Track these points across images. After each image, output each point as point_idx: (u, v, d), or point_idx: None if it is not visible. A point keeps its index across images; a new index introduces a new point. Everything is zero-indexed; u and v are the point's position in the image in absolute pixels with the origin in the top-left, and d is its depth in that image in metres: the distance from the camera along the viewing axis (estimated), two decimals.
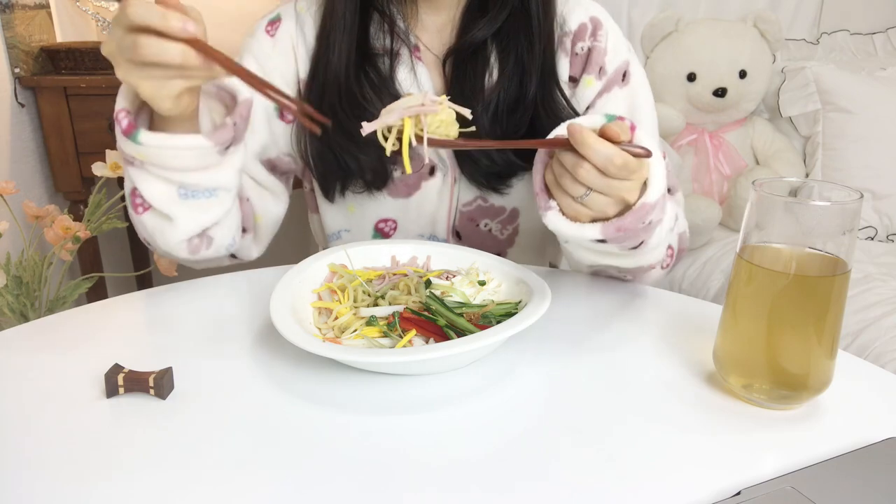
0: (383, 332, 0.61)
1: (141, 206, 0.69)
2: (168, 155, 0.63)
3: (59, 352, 0.61)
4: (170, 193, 0.67)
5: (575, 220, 0.64)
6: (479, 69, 0.80)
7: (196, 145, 0.64)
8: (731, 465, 0.48)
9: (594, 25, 0.83)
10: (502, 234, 0.88)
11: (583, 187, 0.61)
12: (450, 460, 0.48)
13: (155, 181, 0.66)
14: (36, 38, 1.63)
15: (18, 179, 1.58)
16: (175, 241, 0.70)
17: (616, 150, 0.59)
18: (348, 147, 0.79)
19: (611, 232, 0.63)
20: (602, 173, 0.59)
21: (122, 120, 0.62)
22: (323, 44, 0.81)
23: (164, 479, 0.45)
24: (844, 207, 0.49)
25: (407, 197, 0.85)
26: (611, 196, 0.61)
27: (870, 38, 1.90)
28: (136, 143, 0.62)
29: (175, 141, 0.63)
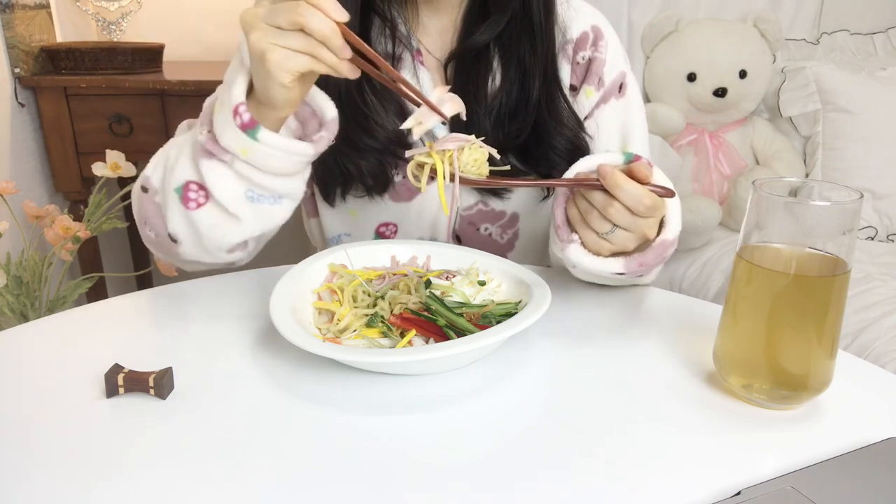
0: (383, 332, 0.61)
1: (195, 202, 0.68)
2: (273, 155, 0.64)
3: (59, 352, 0.61)
4: (238, 193, 0.66)
5: (596, 254, 0.67)
6: (482, 73, 0.80)
7: (304, 152, 0.64)
8: (731, 465, 0.48)
9: (595, 35, 0.84)
10: (502, 238, 0.88)
11: (609, 224, 0.63)
12: (450, 460, 0.48)
13: (230, 178, 0.66)
14: (36, 38, 1.63)
15: (18, 179, 1.58)
16: (234, 241, 0.70)
17: (646, 192, 0.61)
18: (349, 154, 0.79)
19: (633, 267, 0.66)
20: (630, 212, 0.62)
21: (244, 113, 0.62)
22: None
23: (164, 479, 0.46)
24: (844, 207, 0.49)
25: (408, 201, 0.85)
26: (634, 232, 0.64)
27: (870, 38, 1.90)
28: (253, 140, 0.62)
29: (292, 145, 0.64)
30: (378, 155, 0.80)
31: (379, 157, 0.80)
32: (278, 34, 0.57)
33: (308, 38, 0.56)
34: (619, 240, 0.64)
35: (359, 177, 0.81)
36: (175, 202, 0.68)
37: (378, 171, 0.81)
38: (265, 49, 0.57)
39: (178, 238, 0.70)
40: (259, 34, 0.57)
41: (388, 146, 0.79)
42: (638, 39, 1.75)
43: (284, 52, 0.57)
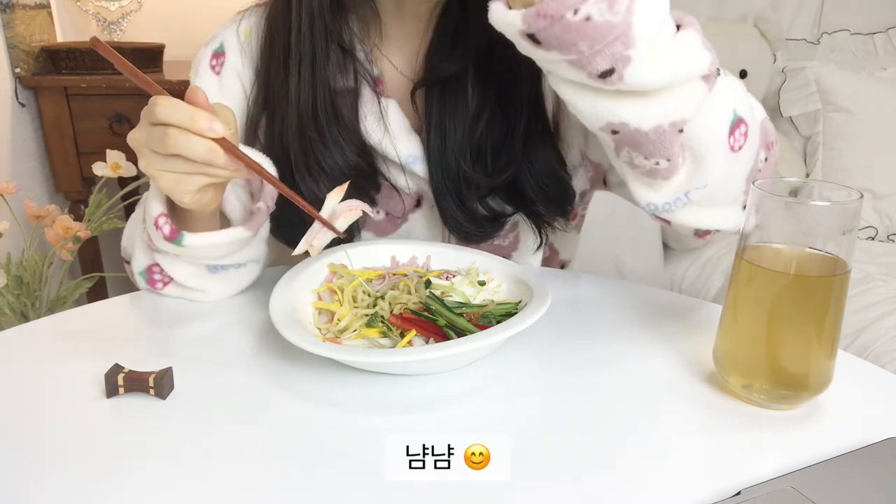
0: (383, 332, 0.61)
1: (160, 283, 0.70)
2: (208, 250, 0.64)
3: (59, 352, 0.61)
4: (200, 271, 0.68)
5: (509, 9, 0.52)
6: (458, 101, 0.71)
7: (237, 238, 0.65)
8: (731, 465, 0.48)
9: None
10: (504, 240, 0.84)
11: None
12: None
13: (184, 265, 0.67)
14: (36, 37, 1.63)
15: (19, 179, 1.58)
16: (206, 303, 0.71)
17: None
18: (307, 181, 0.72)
19: (531, 18, 0.50)
20: None
21: (164, 227, 0.63)
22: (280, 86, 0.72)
23: (164, 478, 0.45)
24: (844, 207, 0.49)
25: (395, 232, 0.81)
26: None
27: (870, 37, 1.90)
28: (179, 246, 0.63)
29: (218, 238, 0.64)
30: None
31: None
32: (161, 160, 0.56)
33: (190, 161, 0.55)
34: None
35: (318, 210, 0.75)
36: (143, 285, 0.71)
37: None
38: (155, 175, 0.57)
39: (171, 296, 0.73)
40: (145, 161, 0.57)
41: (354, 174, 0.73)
42: None
43: (174, 177, 0.57)
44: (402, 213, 0.80)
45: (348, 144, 0.73)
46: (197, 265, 0.68)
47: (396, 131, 0.75)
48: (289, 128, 0.72)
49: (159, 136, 0.54)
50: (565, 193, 0.76)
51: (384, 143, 0.75)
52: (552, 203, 0.75)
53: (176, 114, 0.54)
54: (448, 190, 0.74)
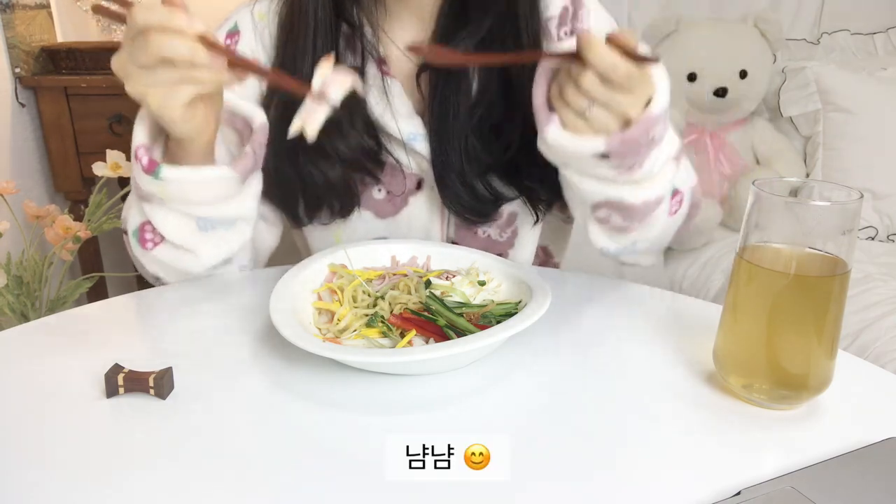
0: (383, 332, 0.61)
1: (151, 242, 0.68)
2: (191, 189, 0.62)
3: (59, 352, 0.61)
4: (189, 227, 0.66)
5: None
6: (459, 84, 0.74)
7: (219, 176, 0.63)
8: (731, 465, 0.48)
9: (575, 6, 0.78)
10: (501, 236, 0.85)
11: (586, 100, 0.58)
12: None
13: (172, 216, 0.65)
14: (36, 37, 1.63)
15: (19, 179, 1.58)
16: (197, 272, 0.69)
17: (620, 59, 0.56)
18: (315, 160, 0.74)
19: (615, 144, 0.59)
20: (606, 83, 0.57)
21: (142, 157, 0.61)
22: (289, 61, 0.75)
23: (164, 478, 0.45)
24: (844, 207, 0.49)
25: (395, 215, 0.81)
26: (613, 111, 0.59)
27: (870, 38, 1.90)
28: (158, 180, 0.61)
29: (198, 174, 0.62)
30: (344, 166, 0.75)
31: (345, 168, 0.75)
32: (147, 74, 0.55)
33: (176, 67, 0.55)
34: (598, 119, 0.59)
35: (324, 192, 0.76)
36: (136, 246, 0.69)
37: (342, 186, 0.76)
38: (142, 94, 0.56)
39: (160, 276, 0.72)
40: (131, 81, 0.56)
41: (357, 158, 0.75)
42: (638, 39, 1.75)
43: (161, 91, 0.56)
44: (403, 192, 0.80)
45: (354, 120, 0.74)
46: (187, 218, 0.65)
47: (399, 110, 0.76)
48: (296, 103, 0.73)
49: (140, 45, 0.54)
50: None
51: (385, 119, 0.75)
52: (553, 185, 0.75)
53: (153, 16, 0.54)
54: (449, 166, 0.75)
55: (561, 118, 0.61)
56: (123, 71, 0.57)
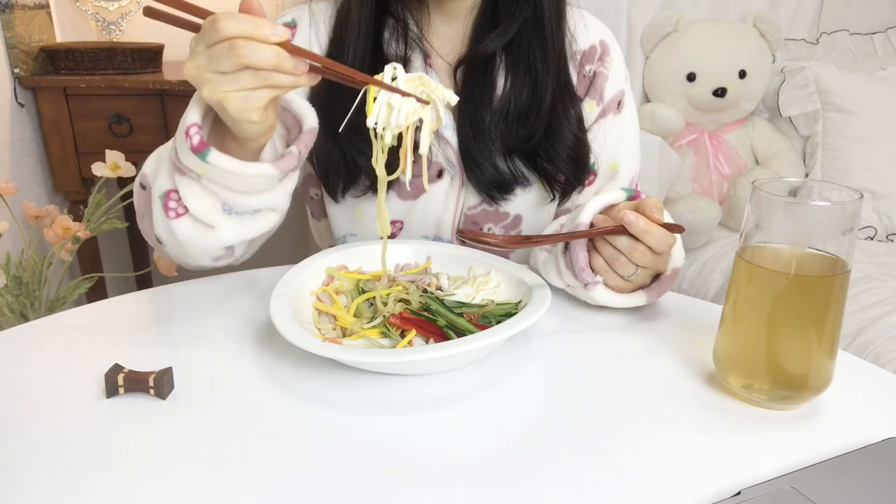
0: (383, 332, 0.61)
1: (174, 211, 0.68)
2: (231, 178, 0.63)
3: (59, 352, 0.61)
4: (215, 206, 0.66)
5: (619, 292, 0.69)
6: (490, 78, 0.81)
7: (262, 174, 0.63)
8: (731, 465, 0.48)
9: (603, 50, 0.87)
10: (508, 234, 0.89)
11: (633, 267, 0.67)
12: (450, 460, 0.48)
13: (202, 192, 0.65)
14: (36, 38, 1.63)
15: (18, 179, 1.58)
16: (211, 251, 0.69)
17: (668, 234, 0.65)
18: (361, 146, 0.79)
19: (653, 297, 0.70)
20: (654, 252, 0.65)
21: (194, 136, 0.61)
22: (336, 48, 0.81)
23: (163, 478, 0.45)
24: (844, 207, 0.49)
25: (415, 199, 0.85)
26: (652, 269, 0.68)
27: (869, 38, 1.90)
28: (203, 161, 0.61)
29: (243, 168, 0.62)
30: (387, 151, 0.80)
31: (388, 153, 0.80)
32: (228, 80, 0.55)
33: (257, 73, 0.55)
34: (641, 278, 0.68)
35: (366, 171, 0.81)
36: (158, 209, 0.68)
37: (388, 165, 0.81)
38: (222, 99, 0.56)
39: (162, 241, 0.71)
40: (210, 86, 0.56)
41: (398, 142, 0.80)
42: (638, 39, 1.75)
43: (241, 95, 0.56)
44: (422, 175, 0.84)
45: None
46: (214, 199, 0.66)
47: None
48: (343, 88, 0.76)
49: (224, 52, 0.54)
50: (583, 163, 0.85)
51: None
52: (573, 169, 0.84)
53: (240, 24, 0.53)
54: (475, 146, 0.82)
55: (607, 281, 0.69)
56: (200, 77, 0.56)
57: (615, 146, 0.89)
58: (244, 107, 0.57)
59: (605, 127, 0.88)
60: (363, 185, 0.83)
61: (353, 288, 0.67)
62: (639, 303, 0.70)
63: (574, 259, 0.69)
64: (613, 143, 0.89)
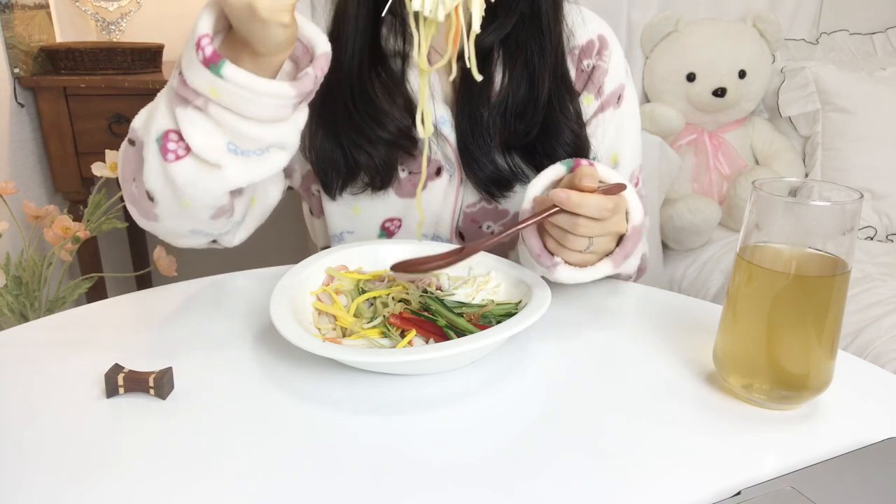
0: (383, 332, 0.61)
1: (173, 153, 0.62)
2: (244, 98, 0.58)
3: (59, 352, 0.61)
4: (219, 146, 0.62)
5: (584, 267, 0.68)
6: (488, 73, 0.81)
7: (280, 93, 0.59)
8: (731, 465, 0.48)
9: (601, 44, 0.86)
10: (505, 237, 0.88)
11: (586, 239, 0.65)
12: (450, 460, 0.48)
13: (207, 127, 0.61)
14: (35, 38, 1.63)
15: (18, 179, 1.58)
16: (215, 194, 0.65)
17: (604, 198, 0.63)
18: (361, 143, 0.79)
19: (619, 261, 0.68)
20: (598, 220, 0.64)
21: (206, 47, 0.57)
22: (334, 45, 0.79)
23: (163, 478, 0.45)
24: (844, 207, 0.49)
25: (413, 196, 0.85)
26: (607, 235, 0.67)
27: (869, 38, 1.90)
28: (216, 76, 0.57)
29: (261, 85, 0.58)
30: (387, 148, 0.80)
31: (388, 149, 0.80)
32: None
33: None
34: (599, 247, 0.67)
35: (366, 169, 0.80)
36: (154, 153, 0.63)
37: (386, 164, 0.81)
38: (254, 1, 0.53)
39: (155, 196, 0.66)
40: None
41: (397, 139, 0.79)
42: (638, 39, 1.75)
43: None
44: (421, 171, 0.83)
45: (397, 98, 0.79)
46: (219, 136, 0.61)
47: (435, 94, 0.82)
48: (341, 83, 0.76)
49: None
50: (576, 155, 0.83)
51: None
52: None
53: None
54: (473, 141, 0.81)
55: (568, 260, 0.68)
56: None
57: (615, 139, 0.88)
58: (276, 5, 0.54)
59: (604, 121, 0.87)
60: (361, 183, 0.82)
61: (353, 288, 0.67)
62: (606, 271, 0.68)
63: (529, 247, 0.69)
64: (613, 137, 0.88)
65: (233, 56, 0.60)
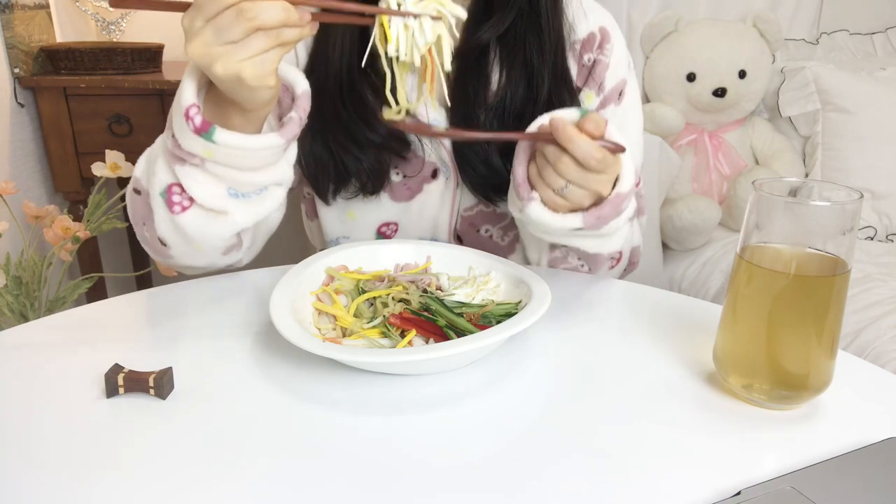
0: (383, 332, 0.61)
1: (179, 206, 0.65)
2: (238, 155, 0.61)
3: (59, 352, 0.61)
4: (221, 193, 0.64)
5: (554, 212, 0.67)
6: (484, 71, 0.78)
7: (270, 145, 0.61)
8: (731, 465, 0.48)
9: (602, 37, 0.83)
10: (503, 240, 0.87)
11: (563, 180, 0.64)
12: (450, 460, 0.48)
13: (207, 180, 0.63)
14: (35, 38, 1.63)
15: (18, 179, 1.58)
16: (224, 237, 0.68)
17: (595, 146, 0.62)
18: (349, 147, 0.77)
19: (591, 220, 0.67)
20: (581, 167, 0.62)
21: (195, 117, 0.59)
22: (321, 39, 0.78)
23: (163, 479, 0.45)
24: (844, 207, 0.49)
25: (409, 200, 0.84)
26: (587, 189, 0.65)
27: (869, 38, 1.90)
28: (209, 142, 0.59)
29: (252, 141, 0.60)
30: (377, 151, 0.78)
31: (378, 153, 0.78)
32: (240, 48, 0.54)
33: (268, 33, 0.54)
34: (573, 196, 0.65)
35: (356, 173, 0.79)
36: (160, 206, 0.66)
37: (376, 168, 0.79)
38: (238, 70, 0.55)
39: (167, 242, 0.70)
40: (223, 61, 0.54)
41: (387, 142, 0.78)
42: (638, 39, 1.75)
43: (256, 61, 0.55)
44: (418, 175, 0.82)
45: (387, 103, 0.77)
46: (219, 184, 0.64)
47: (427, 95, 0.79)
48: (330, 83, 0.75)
49: (231, 19, 0.52)
50: None
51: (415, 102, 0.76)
52: None
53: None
54: (470, 145, 0.79)
55: (540, 195, 0.67)
56: (210, 55, 0.54)
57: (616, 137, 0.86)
58: (261, 72, 0.55)
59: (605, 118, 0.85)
60: (354, 187, 0.81)
61: (353, 288, 0.67)
62: (573, 223, 0.67)
63: (514, 174, 0.68)
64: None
65: (220, 113, 0.62)
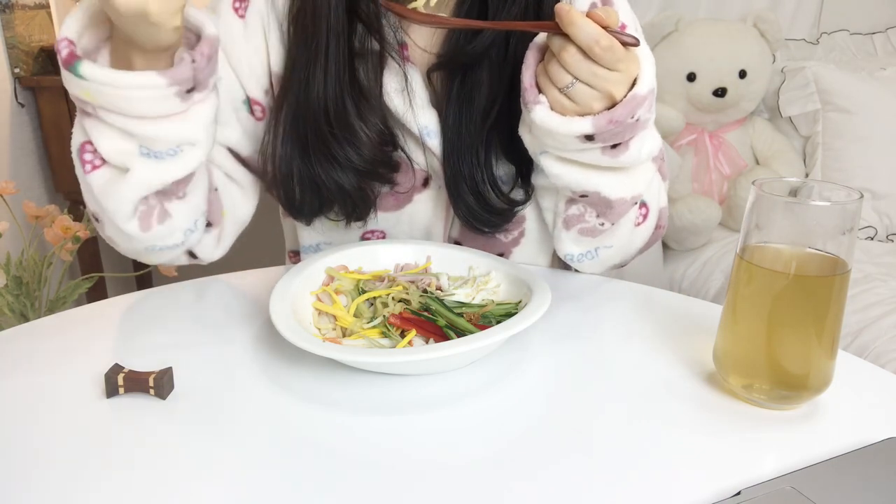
0: (383, 332, 0.61)
1: (90, 164, 0.61)
2: (119, 96, 0.56)
3: (59, 352, 0.61)
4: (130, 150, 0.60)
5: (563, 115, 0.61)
6: (476, 84, 0.72)
7: (148, 83, 0.56)
8: (731, 465, 0.48)
9: (604, 3, 0.75)
10: (507, 237, 0.83)
11: (569, 76, 0.58)
12: (450, 460, 0.48)
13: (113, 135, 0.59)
14: (36, 38, 1.63)
15: (18, 179, 1.58)
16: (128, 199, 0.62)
17: (602, 31, 0.56)
18: (329, 169, 0.71)
19: (602, 124, 0.60)
20: (588, 57, 0.57)
21: (63, 49, 0.55)
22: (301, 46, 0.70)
23: (164, 478, 0.45)
24: (844, 207, 0.49)
25: (397, 210, 0.78)
26: (596, 88, 0.59)
27: (870, 38, 1.90)
28: (79, 78, 0.55)
29: (122, 77, 0.55)
30: (359, 176, 0.72)
31: (360, 177, 0.72)
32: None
33: None
34: (581, 96, 0.59)
35: (338, 197, 0.73)
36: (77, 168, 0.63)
37: (358, 194, 0.73)
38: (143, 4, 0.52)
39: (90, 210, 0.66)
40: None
41: (372, 166, 0.72)
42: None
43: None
44: (409, 189, 0.77)
45: (371, 114, 0.71)
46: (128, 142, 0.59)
47: (417, 100, 0.73)
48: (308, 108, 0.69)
49: None
50: None
51: (403, 108, 0.72)
52: None
53: None
54: (460, 172, 0.73)
55: (548, 98, 0.61)
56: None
57: None
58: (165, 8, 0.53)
59: None
60: (339, 212, 0.75)
61: (353, 288, 0.67)
62: (582, 128, 0.60)
63: (523, 77, 0.62)
64: None
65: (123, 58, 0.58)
